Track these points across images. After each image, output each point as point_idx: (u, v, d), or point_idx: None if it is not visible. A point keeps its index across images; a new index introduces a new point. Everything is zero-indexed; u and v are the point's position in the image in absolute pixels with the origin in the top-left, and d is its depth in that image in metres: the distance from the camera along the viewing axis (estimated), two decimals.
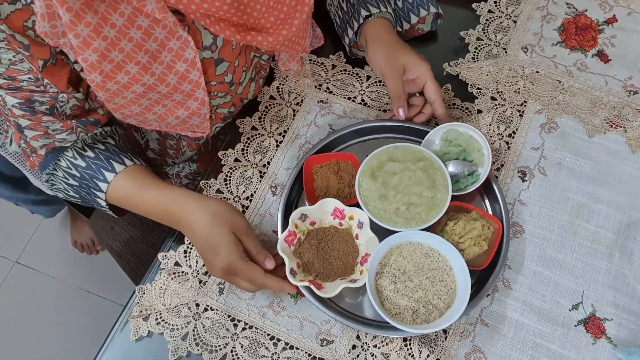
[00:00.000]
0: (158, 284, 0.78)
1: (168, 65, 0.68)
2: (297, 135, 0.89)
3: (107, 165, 0.76)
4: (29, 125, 0.71)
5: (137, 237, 1.07)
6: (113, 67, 0.64)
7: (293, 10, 0.75)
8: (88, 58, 0.62)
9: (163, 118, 0.76)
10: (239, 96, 0.85)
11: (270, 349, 0.74)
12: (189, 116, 0.77)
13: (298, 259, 0.75)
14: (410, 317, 0.71)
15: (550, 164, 0.85)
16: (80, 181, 0.77)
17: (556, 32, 0.96)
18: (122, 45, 0.63)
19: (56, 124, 0.72)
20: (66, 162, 0.77)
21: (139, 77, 0.67)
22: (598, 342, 0.73)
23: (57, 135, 0.73)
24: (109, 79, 0.65)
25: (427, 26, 0.93)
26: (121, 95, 0.69)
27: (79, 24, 0.58)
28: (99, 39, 0.60)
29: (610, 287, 0.76)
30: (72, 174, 0.77)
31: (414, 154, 0.79)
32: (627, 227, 0.80)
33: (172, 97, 0.73)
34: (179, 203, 0.73)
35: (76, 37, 0.59)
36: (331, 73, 0.94)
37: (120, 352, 0.76)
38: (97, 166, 0.76)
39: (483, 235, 0.75)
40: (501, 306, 0.76)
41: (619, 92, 0.90)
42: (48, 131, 0.72)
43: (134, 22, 0.62)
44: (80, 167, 0.76)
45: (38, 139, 0.73)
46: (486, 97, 0.90)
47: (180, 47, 0.67)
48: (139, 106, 0.72)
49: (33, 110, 0.69)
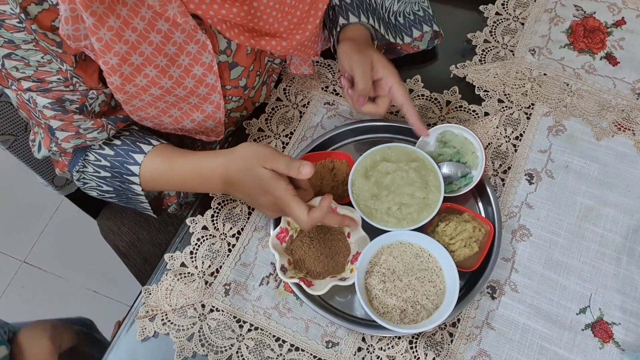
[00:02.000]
0: (164, 285, 0.79)
1: (186, 69, 0.69)
2: (304, 137, 0.89)
3: (134, 148, 0.76)
4: (60, 126, 0.71)
5: (144, 238, 1.07)
6: (132, 70, 0.65)
7: (307, 16, 0.75)
8: (109, 61, 0.62)
9: (178, 121, 0.77)
10: (251, 100, 0.86)
11: (276, 350, 0.74)
12: (204, 119, 0.77)
13: (289, 256, 0.76)
14: (398, 316, 0.71)
15: (558, 166, 0.84)
16: (111, 170, 0.76)
17: (564, 35, 0.95)
18: (142, 49, 0.64)
19: (87, 122, 0.71)
20: (94, 155, 0.76)
21: (157, 80, 0.68)
22: (605, 347, 0.73)
23: (88, 135, 0.73)
24: (128, 82, 0.66)
25: (424, 44, 0.92)
26: (139, 97, 0.69)
27: (102, 28, 0.59)
28: (120, 42, 0.61)
29: (618, 291, 0.76)
30: (102, 165, 0.76)
31: (407, 155, 0.79)
32: (636, 230, 0.79)
33: (188, 100, 0.73)
34: (210, 163, 0.73)
35: (98, 41, 0.60)
36: (338, 75, 0.94)
37: (126, 352, 0.76)
38: (126, 151, 0.76)
39: (474, 237, 0.75)
40: (508, 309, 0.75)
41: (628, 95, 0.89)
42: (79, 131, 0.72)
43: (154, 26, 0.63)
44: (109, 156, 0.76)
45: (69, 140, 0.73)
46: (493, 99, 0.90)
47: (198, 51, 0.68)
48: (155, 109, 0.73)
49: (64, 109, 0.69)
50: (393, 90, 0.78)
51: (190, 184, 0.76)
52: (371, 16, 0.84)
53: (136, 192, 0.77)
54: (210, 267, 0.80)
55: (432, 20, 0.89)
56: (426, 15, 0.89)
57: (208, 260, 0.80)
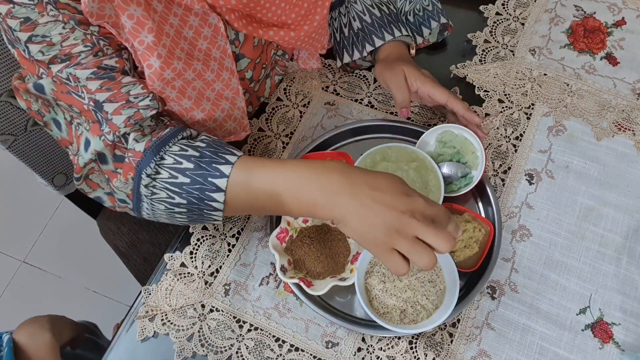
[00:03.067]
0: (164, 285, 0.79)
1: (206, 53, 0.68)
2: (304, 137, 0.89)
3: (218, 159, 0.63)
4: (109, 97, 0.63)
5: (144, 238, 1.07)
6: (167, 52, 0.62)
7: (314, 6, 0.75)
8: (144, 40, 0.60)
9: (211, 115, 0.73)
10: (256, 94, 0.86)
11: (276, 350, 0.74)
12: (230, 108, 0.75)
13: (289, 256, 0.76)
14: (397, 316, 0.71)
15: (558, 167, 0.84)
16: (192, 175, 0.63)
17: (564, 35, 0.95)
18: (167, 30, 0.63)
19: (137, 86, 0.64)
20: (172, 158, 0.64)
21: (189, 62, 0.66)
22: (605, 347, 0.73)
23: (140, 103, 0.64)
24: (167, 66, 0.63)
25: (434, 37, 0.93)
26: (173, 83, 0.65)
27: (132, 4, 0.58)
28: (149, 21, 0.60)
29: (618, 291, 0.76)
30: (183, 168, 0.63)
31: (407, 155, 0.79)
32: (636, 231, 0.79)
33: (213, 86, 0.71)
34: (317, 161, 0.60)
35: (130, 18, 0.59)
36: (338, 75, 0.94)
37: (126, 352, 0.76)
38: (207, 162, 0.63)
39: (474, 238, 0.75)
40: (508, 310, 0.75)
41: (628, 95, 0.89)
42: (129, 99, 0.64)
43: (171, 9, 0.63)
44: (193, 156, 0.64)
45: (120, 111, 0.63)
46: (493, 99, 0.90)
47: (213, 34, 0.68)
48: (188, 99, 0.69)
49: (110, 75, 0.63)
50: (432, 95, 0.80)
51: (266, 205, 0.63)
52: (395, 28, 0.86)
53: (215, 207, 0.64)
54: (210, 267, 0.80)
55: (440, 14, 0.90)
56: (434, 9, 0.90)
57: (208, 260, 0.80)
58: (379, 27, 0.86)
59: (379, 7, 0.87)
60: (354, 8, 0.87)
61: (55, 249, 1.78)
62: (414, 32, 0.91)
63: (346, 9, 0.88)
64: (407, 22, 0.91)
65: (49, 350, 0.73)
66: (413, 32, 0.91)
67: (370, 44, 0.86)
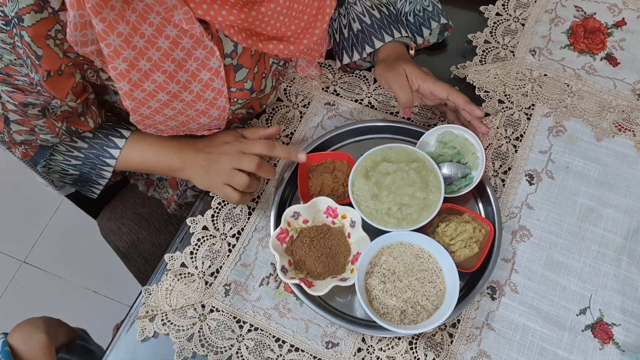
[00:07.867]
0: (164, 285, 0.79)
1: (193, 74, 0.69)
2: (304, 138, 0.89)
3: (109, 143, 0.80)
4: (18, 121, 0.72)
5: (144, 238, 1.07)
6: (141, 76, 0.65)
7: (314, 20, 0.75)
8: (117, 67, 0.63)
9: (185, 124, 0.77)
10: (259, 101, 0.86)
11: (276, 350, 0.74)
12: (209, 123, 0.78)
13: (290, 257, 0.76)
14: (398, 317, 0.71)
15: (558, 167, 0.84)
16: (84, 160, 0.81)
17: (564, 35, 0.95)
18: (150, 55, 0.64)
19: (45, 127, 0.73)
20: (65, 146, 0.79)
21: (164, 85, 0.68)
22: (605, 348, 0.73)
23: (41, 135, 0.75)
24: (136, 87, 0.66)
25: (434, 37, 0.93)
26: (146, 104, 0.69)
27: (111, 34, 0.59)
28: (128, 48, 0.61)
29: (618, 292, 0.76)
30: (75, 155, 0.80)
31: (408, 155, 0.79)
32: (636, 231, 0.79)
33: (195, 106, 0.73)
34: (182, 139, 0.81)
35: (107, 47, 0.60)
36: (338, 75, 0.94)
37: (126, 352, 0.76)
38: (100, 145, 0.80)
39: (474, 238, 0.75)
40: (508, 310, 0.75)
41: (628, 96, 0.89)
42: (35, 129, 0.74)
43: (162, 31, 0.63)
44: (82, 148, 0.80)
45: (22, 134, 0.74)
46: (494, 100, 0.90)
47: (206, 57, 0.68)
48: (162, 116, 0.73)
49: (25, 113, 0.70)
50: (433, 91, 0.79)
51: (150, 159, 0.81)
52: (395, 29, 0.86)
53: (104, 177, 0.83)
54: (211, 268, 0.80)
55: (440, 14, 0.90)
56: (435, 9, 0.90)
57: (208, 261, 0.80)
58: (378, 28, 0.86)
59: (378, 8, 0.87)
60: (354, 9, 0.87)
61: (55, 249, 1.78)
62: (414, 33, 0.91)
63: (346, 10, 0.88)
64: (407, 22, 0.90)
65: (44, 352, 0.73)
66: (413, 33, 0.91)
67: (369, 46, 0.86)
